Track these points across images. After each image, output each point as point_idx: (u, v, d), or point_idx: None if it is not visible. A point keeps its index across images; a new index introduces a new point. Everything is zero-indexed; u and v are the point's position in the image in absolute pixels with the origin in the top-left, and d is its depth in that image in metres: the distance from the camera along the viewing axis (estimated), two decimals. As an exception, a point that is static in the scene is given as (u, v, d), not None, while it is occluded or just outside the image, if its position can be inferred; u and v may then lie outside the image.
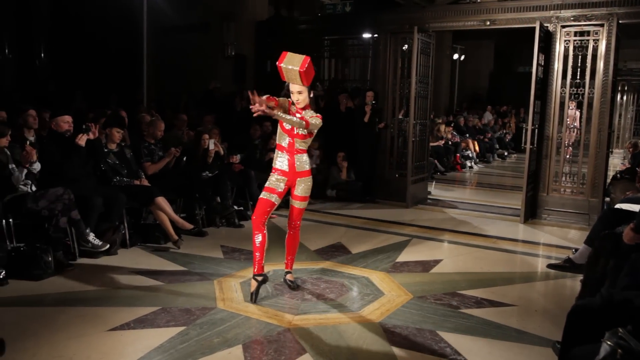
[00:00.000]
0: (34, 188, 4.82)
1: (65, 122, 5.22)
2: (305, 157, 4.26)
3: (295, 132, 4.13)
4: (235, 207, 6.63)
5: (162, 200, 5.50)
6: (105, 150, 5.55)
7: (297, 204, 4.35)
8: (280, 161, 4.21)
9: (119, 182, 5.55)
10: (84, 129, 5.11)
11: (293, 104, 4.18)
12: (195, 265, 4.94)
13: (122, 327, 3.55)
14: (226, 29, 10.36)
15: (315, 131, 4.19)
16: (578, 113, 7.45)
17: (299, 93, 4.11)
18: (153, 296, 4.15)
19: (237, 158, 7.02)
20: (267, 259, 5.13)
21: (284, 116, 3.96)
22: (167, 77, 10.59)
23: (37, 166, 4.87)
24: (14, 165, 4.70)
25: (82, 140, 5.08)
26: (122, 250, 5.27)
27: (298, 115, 4.11)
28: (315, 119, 4.08)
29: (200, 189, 6.26)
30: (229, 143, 7.38)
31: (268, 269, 4.84)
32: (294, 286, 4.39)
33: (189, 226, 5.72)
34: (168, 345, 3.31)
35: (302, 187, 4.29)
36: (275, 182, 4.22)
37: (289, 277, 4.47)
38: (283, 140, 4.20)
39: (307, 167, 4.28)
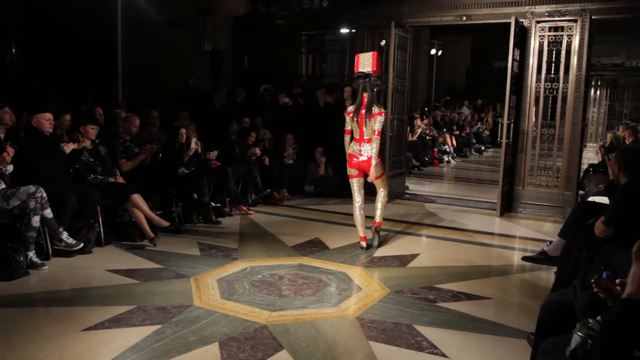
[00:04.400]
0: (2, 186, 4.70)
1: (47, 119, 5.12)
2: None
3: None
4: (212, 204, 6.58)
5: (137, 198, 5.43)
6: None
7: None
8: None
9: (93, 180, 5.46)
10: (74, 139, 5.09)
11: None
12: (172, 262, 4.89)
13: (96, 327, 3.49)
14: (203, 24, 10.27)
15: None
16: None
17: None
18: (128, 295, 4.10)
19: (213, 154, 6.96)
20: (244, 255, 5.14)
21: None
22: (143, 72, 10.45)
23: (10, 167, 4.77)
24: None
25: (68, 147, 5.03)
26: (97, 248, 5.19)
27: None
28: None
29: (176, 186, 6.20)
30: (207, 139, 7.31)
31: (245, 265, 4.82)
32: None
33: (165, 223, 5.65)
34: (143, 344, 3.27)
35: None
36: None
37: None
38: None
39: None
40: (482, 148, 15.54)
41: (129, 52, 9.86)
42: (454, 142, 13.82)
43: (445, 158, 13.05)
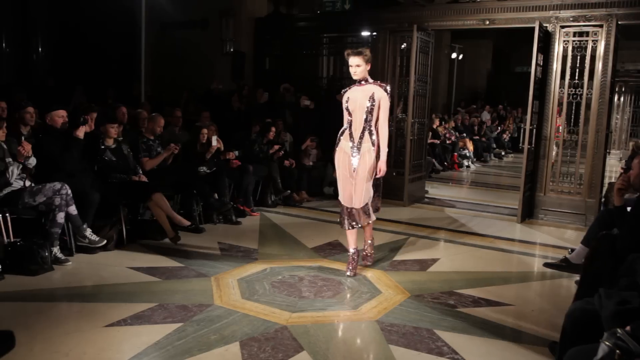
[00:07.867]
0: (28, 183, 4.78)
1: (60, 116, 5.19)
2: None
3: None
4: (233, 204, 6.61)
5: (159, 197, 5.48)
6: (102, 147, 5.52)
7: None
8: None
9: (116, 179, 5.53)
10: (81, 121, 5.10)
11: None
12: (193, 261, 4.92)
13: (118, 323, 3.54)
14: (225, 25, 10.35)
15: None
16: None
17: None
18: (150, 292, 4.14)
19: (234, 154, 7.00)
20: (264, 256, 5.16)
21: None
22: (166, 73, 10.56)
23: (32, 161, 4.82)
24: (10, 159, 4.66)
25: (80, 132, 5.08)
26: (119, 246, 5.25)
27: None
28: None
29: (197, 186, 6.25)
30: (228, 140, 7.35)
31: (265, 266, 4.84)
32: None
33: (186, 223, 5.69)
34: (165, 341, 3.30)
35: None
36: None
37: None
38: None
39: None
40: (502, 153, 15.43)
41: (152, 53, 9.95)
42: (472, 147, 13.74)
43: (465, 163, 12.98)
